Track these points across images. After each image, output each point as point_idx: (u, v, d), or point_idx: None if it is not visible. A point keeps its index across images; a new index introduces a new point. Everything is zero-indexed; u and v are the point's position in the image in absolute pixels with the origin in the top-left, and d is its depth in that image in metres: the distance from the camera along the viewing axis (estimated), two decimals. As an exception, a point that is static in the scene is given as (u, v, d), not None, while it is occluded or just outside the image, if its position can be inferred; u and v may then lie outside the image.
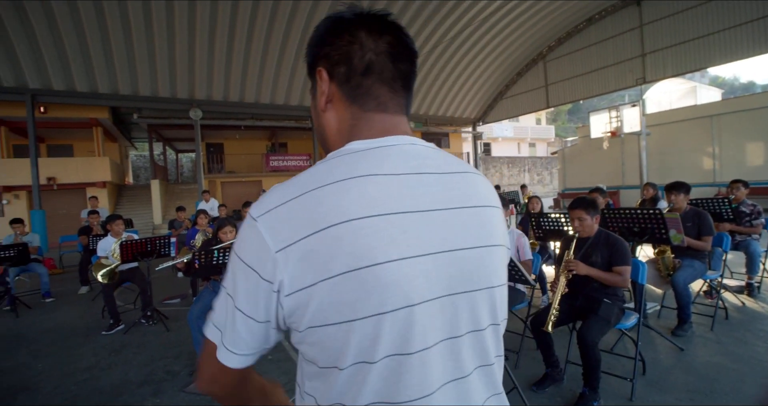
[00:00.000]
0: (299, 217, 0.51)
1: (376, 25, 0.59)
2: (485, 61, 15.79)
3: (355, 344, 0.51)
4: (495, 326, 0.61)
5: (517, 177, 26.37)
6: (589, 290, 2.46)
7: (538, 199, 4.64)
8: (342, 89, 0.60)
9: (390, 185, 0.54)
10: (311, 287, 0.50)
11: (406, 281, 0.51)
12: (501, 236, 0.62)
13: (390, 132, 0.59)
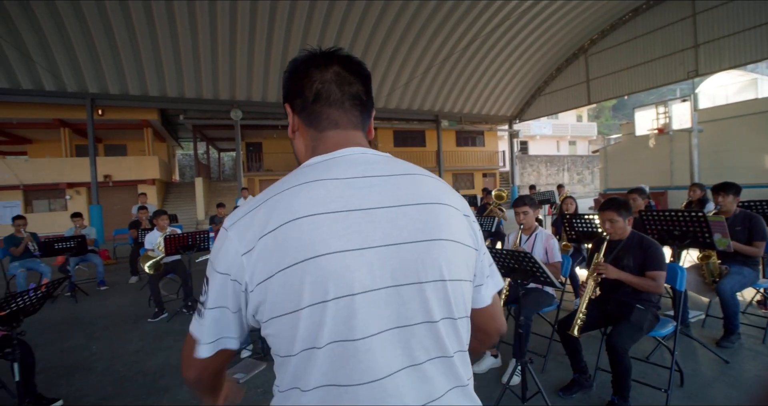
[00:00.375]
0: (259, 222, 0.59)
1: (323, 60, 0.68)
2: (522, 57, 15.34)
3: (302, 331, 0.56)
4: (451, 321, 0.63)
5: (555, 176, 25.42)
6: (621, 295, 2.37)
7: (573, 199, 4.48)
8: (301, 117, 0.70)
9: (337, 187, 0.60)
10: (267, 280, 0.57)
11: (347, 272, 0.56)
12: (454, 232, 0.64)
13: (343, 145, 0.67)
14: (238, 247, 0.58)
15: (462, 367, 0.64)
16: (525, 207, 2.92)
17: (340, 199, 0.59)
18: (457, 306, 0.63)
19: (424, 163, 20.43)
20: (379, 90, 14.94)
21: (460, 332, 0.64)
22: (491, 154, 22.41)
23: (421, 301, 0.60)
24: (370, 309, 0.57)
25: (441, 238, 0.62)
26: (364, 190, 0.61)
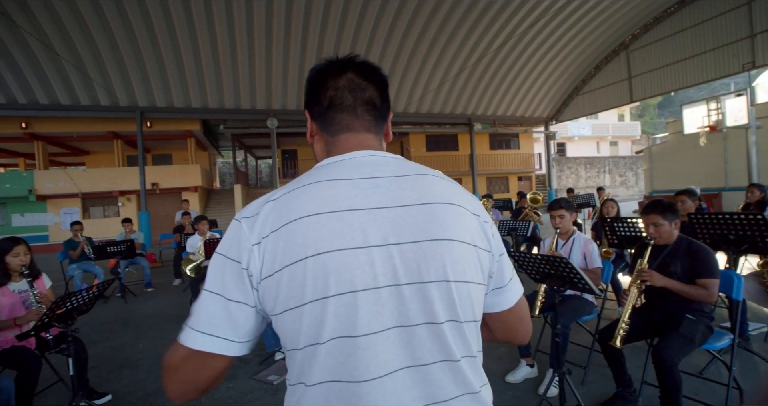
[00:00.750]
0: (270, 217, 0.61)
1: (337, 68, 0.71)
2: (559, 56, 14.86)
3: (305, 326, 0.58)
4: (456, 323, 0.61)
5: (595, 179, 24.32)
6: (669, 304, 2.21)
7: (614, 202, 4.25)
8: (318, 123, 0.73)
9: (343, 188, 0.62)
10: (274, 275, 0.58)
11: (347, 269, 0.57)
12: (461, 233, 0.63)
13: (354, 148, 0.69)
14: (250, 237, 0.60)
15: (472, 373, 0.63)
16: (561, 210, 2.81)
17: (345, 199, 0.61)
18: (464, 309, 0.62)
19: (457, 168, 20.20)
20: (411, 95, 14.97)
21: (467, 336, 0.62)
22: (526, 157, 21.79)
23: (423, 301, 0.59)
24: (372, 307, 0.58)
25: (446, 238, 0.61)
26: (369, 190, 0.62)
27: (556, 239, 2.84)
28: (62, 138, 16.23)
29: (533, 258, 2.24)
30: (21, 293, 2.52)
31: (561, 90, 17.03)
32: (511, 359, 2.96)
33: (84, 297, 2.23)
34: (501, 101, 16.67)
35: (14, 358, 2.34)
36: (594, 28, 13.70)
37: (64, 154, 19.25)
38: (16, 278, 2.53)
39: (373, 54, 12.77)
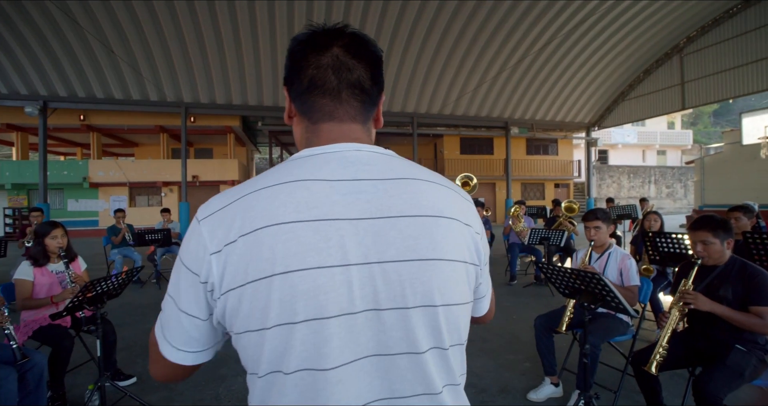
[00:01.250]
0: (233, 220, 0.52)
1: (323, 40, 0.59)
2: (605, 59, 14.16)
3: (268, 352, 0.50)
4: (440, 351, 0.55)
5: (639, 189, 23.02)
6: (716, 332, 2.01)
7: (658, 215, 3.95)
8: (296, 105, 0.63)
9: (321, 191, 0.53)
10: (236, 290, 0.50)
11: (321, 292, 0.49)
12: (452, 251, 0.56)
13: (338, 140, 0.59)
14: (208, 244, 0.52)
15: (452, 402, 0.56)
16: (597, 222, 2.63)
17: (323, 205, 0.52)
18: (450, 334, 0.55)
19: (491, 172, 19.75)
20: (447, 96, 14.77)
21: (451, 362, 0.56)
22: (565, 164, 20.96)
23: (405, 328, 0.52)
24: (346, 334, 0.50)
25: (435, 257, 0.54)
26: (351, 196, 0.53)
27: (589, 251, 2.67)
28: (115, 130, 17.31)
29: (563, 271, 2.10)
30: (58, 274, 2.66)
31: (606, 95, 16.22)
32: (535, 376, 2.82)
33: (113, 283, 2.32)
34: (540, 105, 16.11)
35: (49, 335, 2.48)
36: (646, 30, 12.94)
37: (116, 146, 20.54)
38: (54, 259, 2.68)
39: (410, 54, 12.72)
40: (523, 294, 5.25)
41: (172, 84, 12.78)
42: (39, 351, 2.27)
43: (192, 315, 0.55)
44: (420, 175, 0.59)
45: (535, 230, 5.38)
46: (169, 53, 11.64)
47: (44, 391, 2.20)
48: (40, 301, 2.55)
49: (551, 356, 2.58)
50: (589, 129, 17.79)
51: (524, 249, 5.90)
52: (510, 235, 6.11)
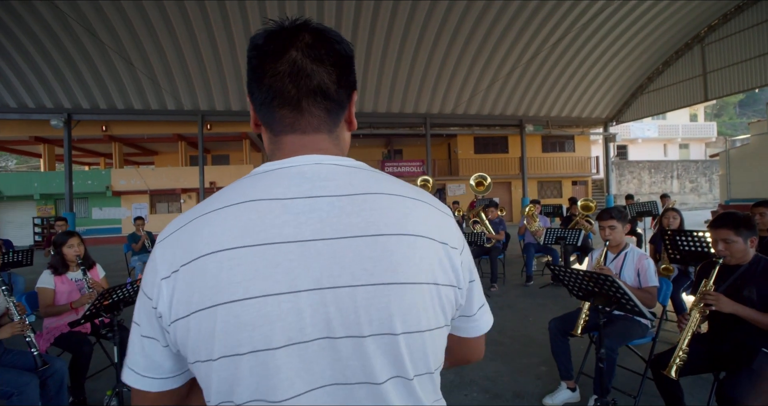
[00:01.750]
0: (182, 245, 0.49)
1: (279, 44, 0.54)
2: (622, 51, 13.79)
3: (216, 383, 0.48)
4: (404, 380, 0.50)
5: (661, 185, 22.31)
6: (741, 334, 1.91)
7: (677, 212, 3.81)
8: (258, 115, 0.58)
9: (271, 212, 0.49)
10: (183, 319, 0.48)
11: (266, 322, 0.46)
12: (416, 273, 0.50)
13: (299, 152, 0.56)
14: (160, 269, 0.50)
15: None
16: (612, 221, 2.55)
17: (272, 227, 0.48)
18: (414, 363, 0.51)
19: (506, 171, 19.49)
20: (459, 96, 14.67)
21: (418, 393, 0.52)
22: (582, 160, 20.52)
23: (360, 358, 0.48)
24: (297, 364, 0.47)
25: (396, 281, 0.49)
26: (304, 215, 0.49)
27: (605, 252, 2.59)
28: (135, 139, 17.83)
29: (575, 273, 2.04)
30: (77, 281, 2.74)
31: (623, 89, 15.81)
32: (551, 380, 2.75)
33: (128, 290, 2.38)
34: (555, 101, 15.82)
35: (70, 341, 2.55)
36: (664, 20, 12.54)
37: (137, 154, 21.15)
38: (73, 267, 2.76)
39: (421, 54, 12.66)
40: (539, 295, 5.15)
41: (188, 93, 13.10)
42: (59, 358, 2.34)
43: (153, 338, 0.52)
44: (385, 189, 0.53)
45: (551, 229, 5.27)
46: (185, 63, 11.94)
47: (65, 396, 2.27)
48: (61, 307, 2.64)
49: (567, 359, 2.52)
50: (607, 124, 17.37)
51: (540, 249, 5.79)
52: (525, 235, 6.00)
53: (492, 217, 5.93)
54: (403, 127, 16.49)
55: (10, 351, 2.23)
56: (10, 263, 4.73)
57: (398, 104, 14.69)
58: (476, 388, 2.73)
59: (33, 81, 11.97)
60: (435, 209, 0.56)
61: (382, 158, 21.40)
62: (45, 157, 17.81)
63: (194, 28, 10.86)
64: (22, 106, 12.75)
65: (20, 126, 15.47)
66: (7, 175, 18.47)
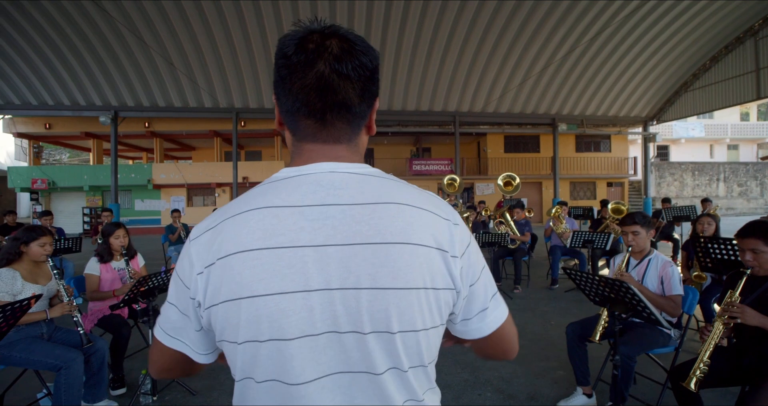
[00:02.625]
0: (213, 244, 0.56)
1: (308, 55, 0.56)
2: (664, 47, 13.07)
3: (240, 362, 0.56)
4: (399, 372, 0.57)
5: (706, 188, 21.00)
6: (765, 348, 1.84)
7: (712, 218, 3.62)
8: (284, 118, 0.63)
9: (289, 218, 0.55)
10: (214, 307, 0.56)
11: (282, 316, 0.53)
12: (415, 278, 0.55)
13: (316, 160, 0.60)
14: (195, 264, 0.57)
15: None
16: (635, 226, 2.49)
17: (290, 232, 0.54)
18: (410, 357, 0.57)
19: (537, 171, 19.00)
20: (490, 94, 14.42)
21: (412, 382, 0.58)
22: (619, 161, 19.67)
23: (362, 350, 0.55)
24: (308, 354, 0.54)
25: (395, 287, 0.55)
26: (318, 222, 0.55)
27: (627, 257, 2.53)
28: (174, 135, 18.73)
29: (591, 278, 2.03)
30: (120, 271, 2.98)
31: (665, 86, 14.99)
32: (568, 385, 2.73)
33: (163, 278, 2.56)
34: (591, 99, 15.22)
35: (111, 323, 2.78)
36: (712, 13, 11.76)
37: (176, 149, 22.19)
38: (117, 256, 3.00)
39: (451, 52, 12.51)
40: (563, 299, 5.04)
41: (224, 91, 13.61)
42: (101, 338, 2.56)
43: (186, 315, 0.60)
44: (393, 199, 0.58)
45: (578, 232, 5.14)
46: (221, 63, 12.42)
47: (106, 373, 2.48)
48: (105, 293, 2.87)
49: (584, 365, 2.49)
50: (647, 123, 16.53)
51: (567, 252, 5.66)
52: (552, 237, 5.88)
53: (518, 218, 5.85)
54: (432, 126, 16.40)
55: (59, 329, 2.47)
56: (62, 249, 5.15)
57: (427, 102, 14.62)
58: (490, 388, 2.75)
59: (85, 81, 12.82)
60: (438, 217, 0.60)
61: (410, 156, 21.38)
62: (94, 151, 19.04)
63: (231, 30, 11.28)
64: (74, 103, 13.68)
65: (72, 122, 16.64)
66: (61, 167, 19.88)
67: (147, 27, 10.96)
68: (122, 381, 2.76)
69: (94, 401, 2.42)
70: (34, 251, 2.32)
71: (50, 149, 26.81)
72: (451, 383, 2.82)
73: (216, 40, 11.56)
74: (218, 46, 11.77)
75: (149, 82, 13.02)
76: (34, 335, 2.30)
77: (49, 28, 10.93)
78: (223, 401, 2.62)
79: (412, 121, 16.04)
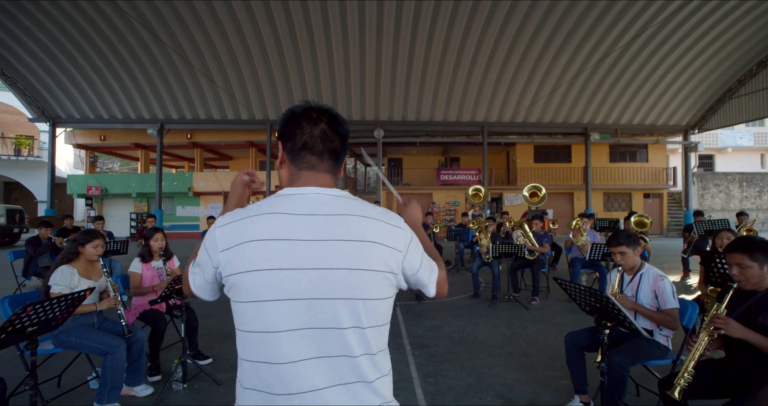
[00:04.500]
0: (235, 233, 0.82)
1: (315, 116, 0.88)
2: (706, 51, 12.48)
3: (242, 317, 0.81)
4: (359, 329, 0.80)
5: (755, 200, 19.59)
6: (753, 362, 1.88)
7: (732, 234, 3.55)
8: (289, 156, 0.91)
9: (288, 221, 0.81)
10: (230, 276, 0.81)
11: (279, 284, 0.78)
12: (371, 264, 0.81)
13: (309, 184, 0.88)
14: (220, 244, 0.82)
15: (369, 368, 0.81)
16: (621, 247, 2.56)
17: (288, 229, 0.80)
18: (368, 318, 0.81)
19: (568, 181, 18.53)
20: (519, 103, 14.30)
21: (368, 338, 0.81)
22: (657, 172, 18.83)
23: (332, 312, 0.79)
24: (291, 312, 0.78)
25: (358, 268, 0.80)
26: (307, 225, 0.80)
27: (620, 275, 2.60)
28: (214, 146, 19.87)
29: (579, 289, 2.14)
30: (158, 269, 3.35)
31: (707, 93, 14.29)
32: (570, 394, 2.78)
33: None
34: (626, 108, 14.74)
35: (150, 317, 3.14)
36: (760, 15, 11.10)
37: (214, 159, 23.47)
38: (156, 257, 3.38)
39: (479, 61, 12.55)
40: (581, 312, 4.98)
41: (259, 105, 14.41)
42: (142, 329, 2.91)
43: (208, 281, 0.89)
44: (358, 212, 0.84)
45: (597, 244, 5.10)
46: (257, 78, 13.20)
47: (144, 360, 2.82)
48: (145, 289, 3.25)
49: (582, 374, 2.56)
50: (688, 132, 15.79)
51: (587, 264, 5.61)
52: (572, 249, 5.84)
53: (536, 229, 5.86)
54: (460, 135, 16.46)
55: (107, 320, 2.85)
56: (111, 251, 5.71)
57: (455, 112, 14.73)
58: (492, 393, 2.86)
59: (135, 96, 13.98)
60: (388, 225, 0.86)
61: (438, 166, 21.47)
62: (142, 160, 20.51)
63: (266, 48, 11.99)
64: (126, 117, 14.92)
65: (124, 134, 18.06)
66: (112, 175, 21.59)
67: (191, 47, 11.89)
68: (158, 369, 3.10)
69: (133, 385, 2.76)
70: (89, 251, 2.71)
71: (103, 159, 29.08)
72: (455, 386, 2.95)
73: (253, 57, 12.32)
74: (254, 62, 12.52)
75: (192, 96, 14.01)
76: (87, 324, 2.68)
77: (106, 49, 12.08)
78: (244, 391, 2.89)
79: (439, 132, 16.18)
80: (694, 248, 6.76)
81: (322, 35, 11.62)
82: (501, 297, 5.55)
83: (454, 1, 10.68)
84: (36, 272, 5.72)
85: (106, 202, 20.00)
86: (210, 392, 2.88)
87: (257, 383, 0.80)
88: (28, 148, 21.18)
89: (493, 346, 3.82)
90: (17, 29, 11.42)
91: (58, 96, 14.05)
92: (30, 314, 1.78)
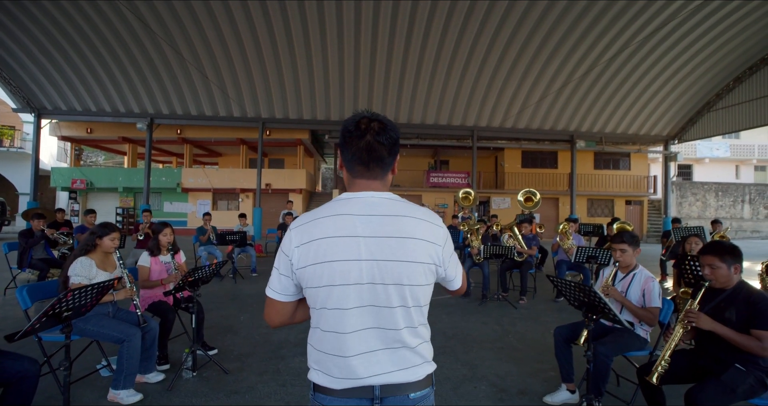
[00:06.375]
0: (306, 232, 1.01)
1: (363, 129, 1.04)
2: (687, 66, 13.09)
3: (320, 298, 1.01)
4: (405, 308, 1.01)
5: (729, 209, 20.50)
6: (718, 350, 2.13)
7: (700, 239, 3.86)
8: (345, 164, 1.10)
9: (350, 220, 1.00)
10: (304, 268, 1.00)
11: (346, 272, 0.98)
12: (417, 256, 1.00)
13: (363, 189, 1.06)
14: (295, 242, 1.01)
15: (410, 337, 1.03)
16: (624, 245, 2.80)
17: (350, 227, 0.99)
18: (413, 299, 1.02)
19: (554, 186, 19.04)
20: (508, 110, 14.69)
21: (412, 315, 1.02)
22: (638, 179, 19.50)
23: (386, 294, 0.99)
24: (356, 294, 0.99)
25: (407, 260, 1.00)
26: (365, 224, 1.00)
27: (614, 271, 2.84)
28: (203, 142, 19.70)
29: (569, 284, 2.36)
30: (166, 263, 3.46)
31: (687, 106, 14.94)
32: (557, 383, 3.00)
33: (206, 271, 3.02)
34: (610, 117, 15.30)
35: (159, 308, 3.25)
36: (737, 33, 11.74)
37: (204, 155, 23.24)
38: (164, 251, 3.49)
39: (471, 69, 12.90)
40: (566, 311, 5.28)
41: (252, 102, 14.40)
42: (154, 319, 3.02)
43: (286, 276, 1.05)
44: (407, 213, 1.03)
45: (582, 247, 5.38)
46: (251, 75, 13.21)
47: (156, 349, 2.94)
48: (154, 282, 3.35)
49: (568, 364, 2.79)
50: (668, 142, 16.46)
51: (572, 266, 5.89)
52: (558, 252, 6.13)
53: (525, 232, 6.13)
54: (450, 139, 16.77)
55: (121, 310, 2.95)
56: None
57: (446, 116, 15.03)
58: (485, 383, 3.07)
59: (125, 89, 13.81)
60: (431, 224, 1.05)
61: (428, 168, 21.75)
62: (129, 155, 20.19)
63: (261, 44, 12.02)
64: (115, 110, 14.71)
65: (112, 128, 17.79)
66: (99, 169, 21.16)
67: (185, 41, 11.83)
68: (166, 359, 3.22)
69: (145, 373, 2.88)
70: (106, 243, 2.81)
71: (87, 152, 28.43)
72: (451, 377, 3.15)
73: (247, 54, 12.33)
74: (248, 59, 12.53)
75: (183, 91, 13.91)
76: (103, 313, 2.78)
77: (96, 40, 11.92)
78: (251, 380, 3.03)
79: (430, 135, 16.46)
80: (671, 253, 7.14)
81: (318, 35, 11.74)
82: (491, 296, 5.79)
83: (450, 2, 10.95)
84: (31, 264, 5.71)
85: (91, 196, 19.64)
86: (219, 381, 3.01)
87: (328, 347, 1.02)
88: (10, 139, 20.63)
89: (484, 341, 4.04)
90: (3, 16, 11.19)
91: (45, 87, 13.78)
92: (69, 299, 1.90)
